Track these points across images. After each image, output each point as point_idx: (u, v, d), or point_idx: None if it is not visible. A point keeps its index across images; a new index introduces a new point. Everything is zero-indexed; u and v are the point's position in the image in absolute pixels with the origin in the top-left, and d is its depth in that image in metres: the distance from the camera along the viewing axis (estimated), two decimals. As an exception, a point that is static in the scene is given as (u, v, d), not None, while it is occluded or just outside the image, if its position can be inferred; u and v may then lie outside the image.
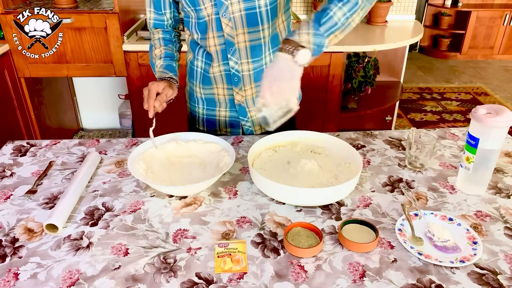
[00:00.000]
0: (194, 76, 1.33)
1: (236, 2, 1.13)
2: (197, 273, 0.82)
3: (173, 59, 1.29)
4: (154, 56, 1.30)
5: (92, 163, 1.15)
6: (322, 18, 0.97)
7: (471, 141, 1.01)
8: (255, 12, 1.15)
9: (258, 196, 1.05)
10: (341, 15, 0.98)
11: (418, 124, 3.55)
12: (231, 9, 1.14)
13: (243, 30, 1.18)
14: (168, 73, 1.23)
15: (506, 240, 0.90)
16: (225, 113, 1.36)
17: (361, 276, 0.81)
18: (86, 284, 0.79)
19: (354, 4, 0.98)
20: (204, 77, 1.30)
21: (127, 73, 2.39)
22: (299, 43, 0.97)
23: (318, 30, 0.98)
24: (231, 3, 1.13)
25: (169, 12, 1.28)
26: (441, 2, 5.05)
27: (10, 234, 0.92)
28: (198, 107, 1.37)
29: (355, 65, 2.54)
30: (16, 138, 1.38)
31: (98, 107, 3.04)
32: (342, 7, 0.98)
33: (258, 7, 1.14)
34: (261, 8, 1.15)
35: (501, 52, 5.09)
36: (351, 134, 1.35)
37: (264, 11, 1.16)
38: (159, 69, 1.26)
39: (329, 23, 0.98)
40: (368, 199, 1.04)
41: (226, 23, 1.17)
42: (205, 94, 1.33)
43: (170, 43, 1.32)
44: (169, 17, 1.29)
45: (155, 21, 1.30)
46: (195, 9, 1.17)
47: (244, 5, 1.13)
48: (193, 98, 1.37)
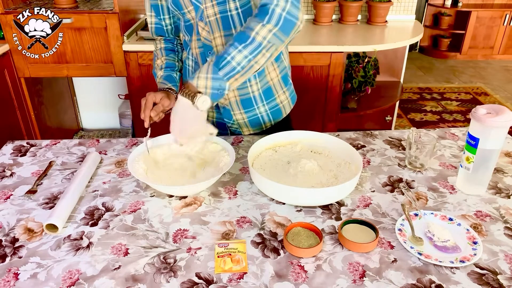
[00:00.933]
0: (186, 75, 1.33)
1: (211, 6, 1.12)
2: (197, 273, 0.82)
3: (173, 69, 1.30)
4: (156, 67, 1.31)
5: (92, 163, 1.15)
6: (221, 62, 0.96)
7: (471, 141, 1.01)
8: (227, 15, 1.14)
9: (258, 196, 1.05)
10: (241, 59, 0.95)
11: (418, 124, 3.55)
12: (206, 13, 1.14)
13: (220, 34, 1.17)
14: (167, 84, 1.24)
15: (506, 240, 0.90)
16: (212, 114, 1.37)
17: (361, 276, 0.81)
18: (86, 284, 0.79)
19: (257, 45, 0.95)
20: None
21: (127, 73, 2.39)
22: (197, 88, 0.97)
23: (217, 74, 0.96)
24: (205, 7, 1.13)
25: (168, 18, 1.28)
26: (441, 2, 5.05)
27: (10, 234, 0.92)
28: None
29: (355, 65, 2.54)
30: (16, 138, 1.38)
31: (98, 107, 3.04)
32: (242, 50, 0.95)
33: (229, 10, 1.13)
34: (231, 12, 1.14)
35: (501, 52, 5.09)
36: (351, 134, 1.35)
37: (235, 14, 1.14)
38: (159, 80, 1.27)
39: (228, 67, 0.96)
40: (368, 199, 1.04)
41: (202, 27, 1.17)
42: None
43: (172, 52, 1.32)
44: (168, 22, 1.29)
45: (156, 26, 1.30)
46: (180, 12, 1.18)
47: (218, 8, 1.13)
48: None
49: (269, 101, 1.31)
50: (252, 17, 0.98)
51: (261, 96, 1.29)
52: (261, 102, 1.30)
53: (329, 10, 2.77)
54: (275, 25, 0.95)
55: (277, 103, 1.33)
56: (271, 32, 0.95)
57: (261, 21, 0.95)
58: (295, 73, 1.16)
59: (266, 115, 1.33)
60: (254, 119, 1.33)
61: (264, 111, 1.32)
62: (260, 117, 1.32)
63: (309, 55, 2.33)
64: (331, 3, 2.74)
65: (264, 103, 1.31)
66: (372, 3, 2.76)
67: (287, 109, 1.38)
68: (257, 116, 1.32)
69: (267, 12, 0.95)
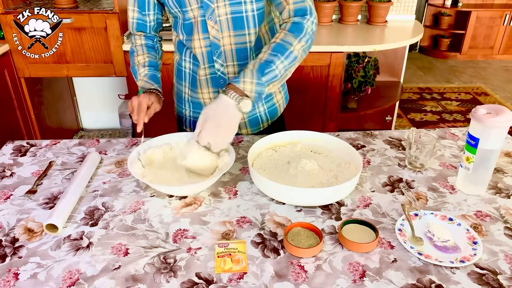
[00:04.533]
0: (182, 78, 1.32)
1: (223, 6, 1.13)
2: (197, 273, 0.82)
3: (156, 69, 1.28)
4: (137, 63, 1.27)
5: (92, 163, 1.15)
6: (266, 69, 1.07)
7: (471, 141, 1.01)
8: (242, 16, 1.15)
9: (258, 196, 1.05)
10: (282, 68, 1.09)
11: (418, 124, 3.55)
12: (217, 12, 1.14)
13: (229, 33, 1.18)
14: (154, 85, 1.22)
15: (506, 240, 0.90)
16: None
17: (361, 276, 0.81)
18: (86, 284, 0.79)
19: (294, 58, 1.10)
20: (193, 79, 1.29)
21: (127, 73, 2.39)
22: (243, 92, 1.05)
23: (260, 80, 1.06)
24: (217, 6, 1.13)
25: (152, 14, 1.25)
26: (441, 2, 5.05)
27: (10, 234, 0.92)
28: (185, 109, 1.37)
29: (355, 65, 2.54)
30: (16, 138, 1.38)
31: (98, 107, 3.04)
32: (284, 61, 1.09)
33: (245, 11, 1.14)
34: (247, 13, 1.15)
35: (501, 52, 5.09)
36: (351, 134, 1.35)
37: (251, 15, 1.16)
38: (142, 78, 1.24)
39: (271, 74, 1.07)
40: (368, 199, 1.04)
41: (212, 26, 1.16)
42: (191, 97, 1.32)
43: (152, 50, 1.30)
44: (152, 18, 1.26)
45: (138, 21, 1.26)
46: (182, 10, 1.16)
47: (230, 8, 1.13)
48: (181, 100, 1.36)
49: (267, 100, 1.33)
50: (288, 31, 1.11)
51: None
52: (261, 101, 1.31)
53: (329, 10, 2.77)
54: (306, 41, 1.12)
55: (274, 102, 1.35)
56: (303, 48, 1.12)
57: (297, 38, 1.10)
58: (295, 73, 1.16)
59: (264, 114, 1.34)
60: (253, 118, 1.33)
61: (262, 110, 1.33)
62: (259, 116, 1.33)
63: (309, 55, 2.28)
64: (331, 3, 2.74)
65: (263, 102, 1.32)
66: (372, 3, 2.76)
67: (281, 108, 1.40)
68: (256, 116, 1.33)
69: (302, 31, 1.11)
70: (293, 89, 1.55)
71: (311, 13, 1.12)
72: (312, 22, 1.13)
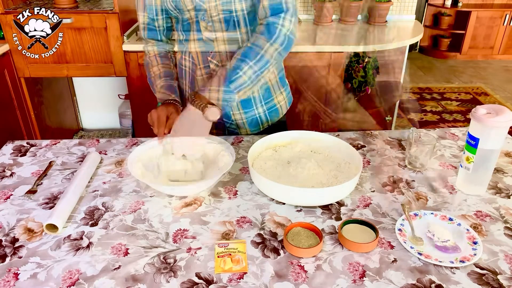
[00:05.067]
0: (183, 76, 1.32)
1: (214, 7, 1.12)
2: (197, 273, 0.82)
3: (172, 78, 1.28)
4: (153, 75, 1.28)
5: (92, 163, 1.15)
6: (233, 76, 1.05)
7: (471, 141, 1.01)
8: (232, 16, 1.15)
9: (258, 196, 1.05)
10: (251, 73, 1.05)
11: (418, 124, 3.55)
12: (209, 13, 1.14)
13: (222, 34, 1.18)
14: (171, 95, 1.22)
15: (506, 240, 0.90)
16: None
17: (361, 276, 0.81)
18: (86, 284, 0.79)
19: (265, 63, 1.06)
20: (192, 78, 1.29)
21: (127, 73, 2.39)
22: (208, 100, 1.04)
23: (228, 87, 1.04)
24: (209, 7, 1.13)
25: (161, 19, 1.25)
26: (441, 2, 5.05)
27: (10, 234, 0.92)
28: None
29: (355, 65, 2.54)
30: (16, 138, 1.38)
31: (98, 107, 3.04)
32: (253, 66, 1.05)
33: (234, 11, 1.13)
34: (237, 13, 1.14)
35: (501, 52, 5.09)
36: (351, 134, 1.35)
37: (241, 15, 1.15)
38: (159, 90, 1.25)
39: (239, 81, 1.05)
40: (368, 199, 1.04)
41: (204, 26, 1.17)
42: None
43: (166, 59, 1.30)
44: (161, 23, 1.26)
45: (148, 26, 1.27)
46: (180, 12, 1.17)
47: (222, 7, 1.13)
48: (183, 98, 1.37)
49: (267, 101, 1.32)
50: (259, 34, 1.07)
51: (260, 97, 1.29)
52: (260, 103, 1.30)
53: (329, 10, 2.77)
54: (280, 44, 1.06)
55: (274, 103, 1.34)
56: (277, 51, 1.06)
57: (269, 40, 1.05)
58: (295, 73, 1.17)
59: (264, 115, 1.33)
60: (253, 119, 1.33)
61: (262, 112, 1.32)
62: (258, 117, 1.33)
63: (309, 55, 2.33)
64: (331, 3, 2.74)
65: (263, 104, 1.31)
66: (372, 3, 2.76)
67: (284, 109, 1.38)
68: (256, 117, 1.33)
69: (275, 32, 1.05)
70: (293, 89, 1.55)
71: (287, 10, 1.06)
72: (290, 21, 1.06)
